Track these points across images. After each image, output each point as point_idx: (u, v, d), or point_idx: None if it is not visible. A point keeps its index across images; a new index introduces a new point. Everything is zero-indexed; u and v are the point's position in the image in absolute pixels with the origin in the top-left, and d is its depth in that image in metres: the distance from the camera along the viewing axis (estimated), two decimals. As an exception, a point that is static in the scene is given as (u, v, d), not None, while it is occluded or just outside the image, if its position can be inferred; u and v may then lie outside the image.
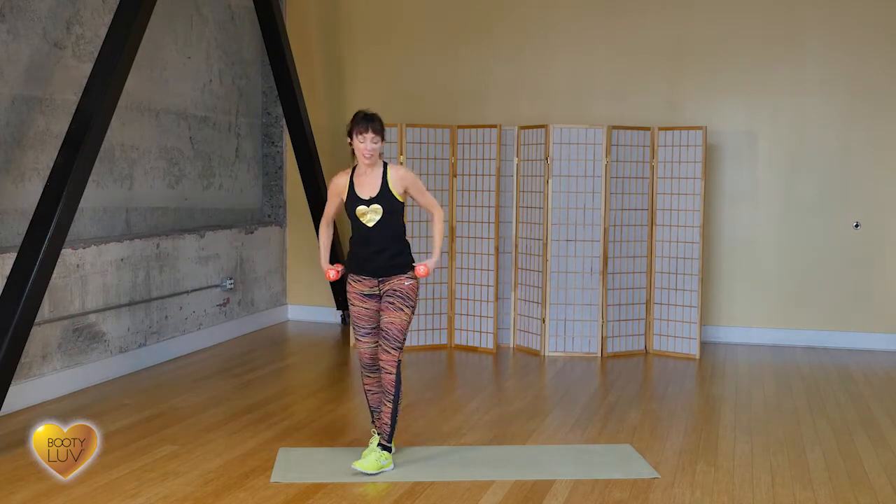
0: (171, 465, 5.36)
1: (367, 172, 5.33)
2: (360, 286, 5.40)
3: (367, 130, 5.24)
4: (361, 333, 5.44)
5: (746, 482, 5.20)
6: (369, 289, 5.39)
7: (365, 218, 5.29)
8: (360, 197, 5.30)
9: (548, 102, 9.41)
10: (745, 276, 9.14)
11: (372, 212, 5.29)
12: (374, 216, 5.29)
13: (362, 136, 5.24)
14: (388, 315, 5.34)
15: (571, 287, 8.49)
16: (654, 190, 8.63)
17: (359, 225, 5.33)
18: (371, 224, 5.29)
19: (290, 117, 9.52)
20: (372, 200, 5.29)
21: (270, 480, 5.12)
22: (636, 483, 5.15)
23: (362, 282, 5.39)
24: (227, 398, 6.92)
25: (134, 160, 8.14)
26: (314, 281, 10.13)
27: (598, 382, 7.66)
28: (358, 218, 5.31)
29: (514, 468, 5.39)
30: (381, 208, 5.28)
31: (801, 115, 8.95)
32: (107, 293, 7.38)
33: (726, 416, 6.63)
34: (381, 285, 5.37)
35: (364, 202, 5.29)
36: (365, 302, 5.41)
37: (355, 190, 5.32)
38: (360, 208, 5.30)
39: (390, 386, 5.36)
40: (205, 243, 8.69)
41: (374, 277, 5.36)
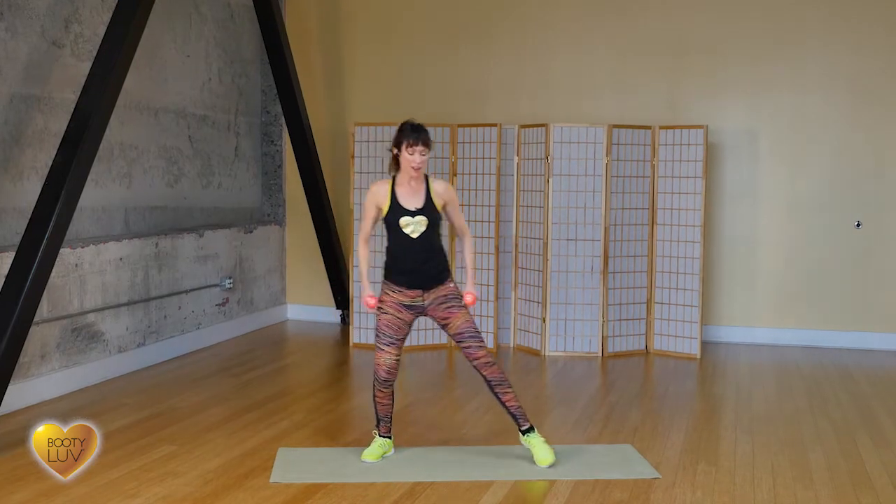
0: (171, 465, 5.37)
1: (411, 184, 5.32)
2: (401, 297, 5.38)
3: (417, 143, 5.22)
4: (386, 342, 5.41)
5: (748, 482, 5.20)
6: (410, 300, 5.38)
7: (408, 229, 5.29)
8: (405, 208, 5.29)
9: (548, 101, 9.41)
10: (746, 275, 9.14)
11: (417, 223, 5.29)
12: (419, 227, 5.29)
13: (412, 148, 5.23)
14: (456, 318, 5.38)
15: (572, 286, 8.49)
16: (654, 189, 8.63)
17: (401, 236, 5.31)
18: (415, 235, 5.29)
19: (290, 116, 9.52)
20: (418, 212, 5.29)
21: (270, 481, 5.12)
22: (637, 483, 5.15)
23: (403, 293, 5.37)
24: (227, 398, 6.92)
25: (133, 159, 8.14)
26: (313, 280, 10.13)
27: (598, 382, 7.66)
28: (401, 229, 5.29)
29: (514, 468, 5.38)
30: (426, 220, 5.29)
31: (802, 114, 8.95)
32: (105, 293, 7.38)
33: (727, 415, 6.63)
34: (425, 295, 5.37)
35: (409, 213, 5.29)
36: (401, 312, 5.40)
37: (398, 200, 5.31)
38: (405, 219, 5.28)
39: (500, 374, 5.42)
40: (204, 242, 8.69)
41: (420, 289, 5.35)
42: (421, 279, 5.34)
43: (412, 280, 5.34)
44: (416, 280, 5.34)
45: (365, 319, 8.80)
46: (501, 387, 5.44)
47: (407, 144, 5.23)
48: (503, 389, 5.44)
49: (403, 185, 5.33)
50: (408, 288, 5.35)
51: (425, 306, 5.39)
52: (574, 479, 5.19)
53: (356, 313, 8.84)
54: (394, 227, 5.32)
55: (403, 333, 5.44)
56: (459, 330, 5.38)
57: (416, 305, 5.39)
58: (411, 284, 5.35)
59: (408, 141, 5.23)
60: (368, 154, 8.73)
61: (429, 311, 5.41)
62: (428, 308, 5.40)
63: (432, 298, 5.37)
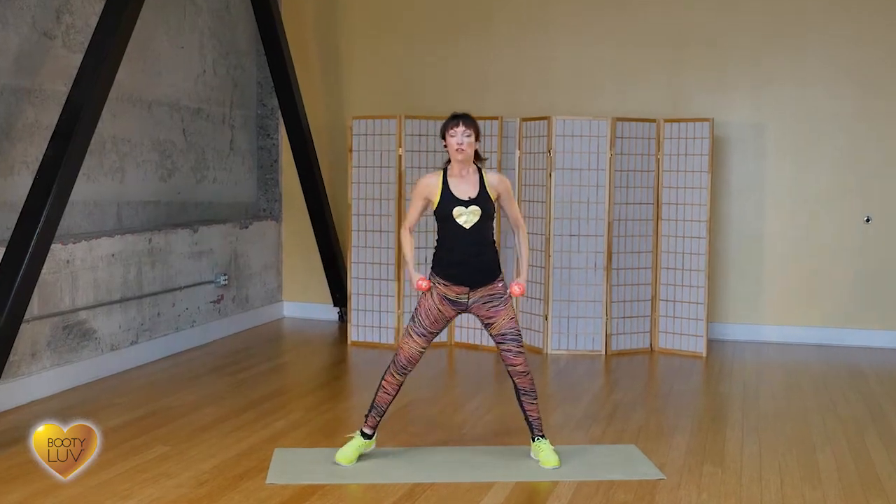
0: (164, 465, 5.36)
1: (463, 174, 5.34)
2: (447, 290, 5.36)
3: (457, 124, 5.26)
4: (419, 332, 5.41)
5: (754, 483, 5.20)
6: (456, 295, 5.36)
7: (461, 219, 5.29)
8: (458, 198, 5.30)
9: (550, 93, 9.40)
10: (753, 271, 9.13)
11: (470, 213, 5.29)
12: (472, 218, 5.29)
13: (453, 129, 5.27)
14: (501, 317, 5.38)
15: (575, 283, 8.48)
16: (659, 183, 8.62)
17: (453, 227, 5.31)
18: (468, 226, 5.29)
19: (286, 109, 9.51)
20: (471, 202, 5.29)
21: (266, 482, 5.11)
22: (641, 484, 5.15)
23: (450, 287, 5.35)
24: (221, 397, 6.91)
25: (125, 153, 8.13)
26: (310, 277, 10.13)
27: (601, 381, 7.66)
28: (454, 219, 5.29)
29: (516, 469, 5.38)
30: (479, 210, 5.29)
31: (809, 107, 8.94)
32: (97, 289, 7.37)
33: (734, 415, 6.63)
34: (472, 293, 5.36)
35: (462, 203, 5.29)
36: (444, 304, 5.39)
37: (451, 190, 5.31)
38: (458, 209, 5.28)
39: (532, 385, 5.44)
40: (198, 238, 8.68)
41: (466, 285, 5.34)
42: (469, 274, 5.32)
43: (461, 273, 5.32)
44: (464, 274, 5.31)
45: (363, 317, 8.80)
46: (528, 397, 5.46)
47: (448, 128, 5.29)
48: (529, 400, 5.47)
49: (455, 176, 5.35)
50: (455, 283, 5.34)
51: (469, 304, 5.39)
52: (577, 481, 5.18)
53: (354, 311, 8.83)
54: (446, 218, 5.32)
55: (439, 327, 5.44)
56: (503, 331, 5.38)
57: (460, 302, 5.38)
58: (459, 279, 5.32)
59: (449, 125, 5.29)
60: (367, 148, 8.72)
61: (472, 309, 5.41)
62: (472, 306, 5.39)
63: (478, 297, 5.36)
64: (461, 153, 5.26)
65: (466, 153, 5.26)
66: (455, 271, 5.32)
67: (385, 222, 8.70)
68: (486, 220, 5.32)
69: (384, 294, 8.75)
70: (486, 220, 5.32)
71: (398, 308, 8.68)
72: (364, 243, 8.78)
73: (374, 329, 8.79)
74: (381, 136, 8.68)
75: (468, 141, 5.26)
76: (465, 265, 5.31)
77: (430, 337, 5.43)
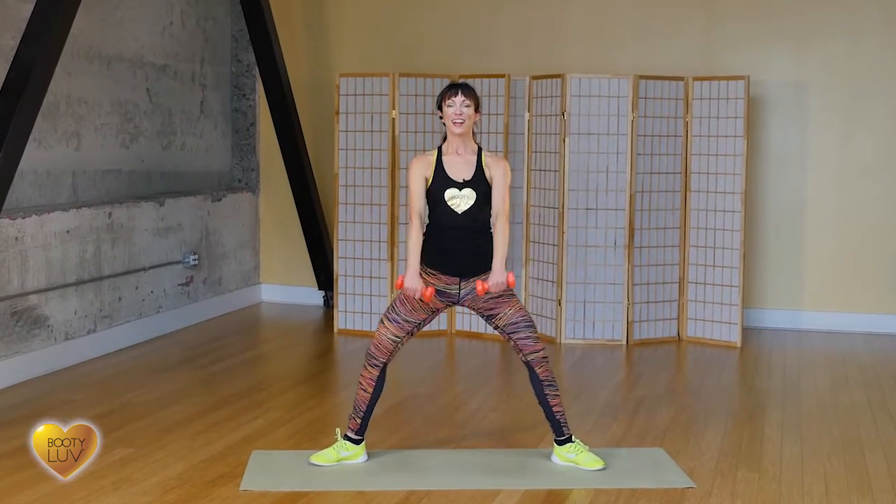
0: (126, 470, 5.35)
1: (460, 152, 5.37)
2: (435, 280, 5.38)
3: (455, 93, 5.32)
4: (392, 318, 5.42)
5: (796, 490, 5.19)
6: (445, 286, 5.38)
7: (453, 202, 5.33)
8: (452, 178, 5.34)
9: (564, 48, 9.37)
10: (795, 250, 9.12)
11: (464, 197, 5.33)
12: (465, 202, 5.33)
13: (451, 99, 5.32)
14: (506, 307, 5.41)
15: (592, 263, 8.48)
16: (688, 150, 8.60)
17: (445, 211, 5.35)
18: (461, 211, 5.33)
19: (265, 65, 9.50)
20: (466, 184, 5.33)
21: (240, 488, 5.11)
22: (668, 493, 5.14)
23: (438, 276, 5.38)
24: (191, 393, 6.92)
25: (82, 115, 8.10)
26: (291, 256, 10.12)
27: (622, 375, 7.67)
28: (445, 202, 5.34)
29: (523, 475, 5.38)
30: (474, 193, 5.33)
31: (859, 62, 8.91)
32: (50, 270, 7.36)
33: (772, 413, 6.63)
34: (463, 283, 5.38)
35: (456, 185, 5.33)
36: (433, 300, 5.39)
37: (445, 170, 5.35)
38: (451, 191, 5.33)
39: (551, 377, 5.46)
40: (164, 212, 8.66)
41: (457, 275, 5.37)
42: (459, 262, 5.35)
43: (449, 261, 5.35)
44: (453, 262, 5.35)
45: (352, 302, 8.79)
46: (552, 388, 5.47)
47: (446, 97, 5.33)
48: (553, 392, 5.47)
49: (451, 154, 5.39)
50: (443, 272, 5.36)
51: (461, 296, 5.41)
52: (594, 488, 5.18)
53: (341, 295, 8.82)
54: (437, 200, 5.36)
55: (418, 318, 5.44)
56: (512, 320, 5.40)
57: (449, 293, 5.40)
58: (447, 267, 5.36)
59: (446, 94, 5.34)
60: (356, 110, 8.69)
61: (465, 302, 5.43)
62: (464, 298, 5.41)
63: (471, 287, 5.38)
64: (459, 125, 5.30)
65: (465, 125, 5.31)
66: (444, 259, 5.36)
67: (377, 194, 8.68)
68: (481, 204, 5.36)
69: (375, 276, 8.75)
70: (481, 204, 5.36)
71: (391, 292, 8.66)
72: (352, 218, 8.77)
73: (363, 316, 8.79)
74: (372, 96, 8.66)
75: (468, 112, 5.31)
76: (456, 252, 5.35)
77: (404, 326, 5.42)
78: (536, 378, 5.46)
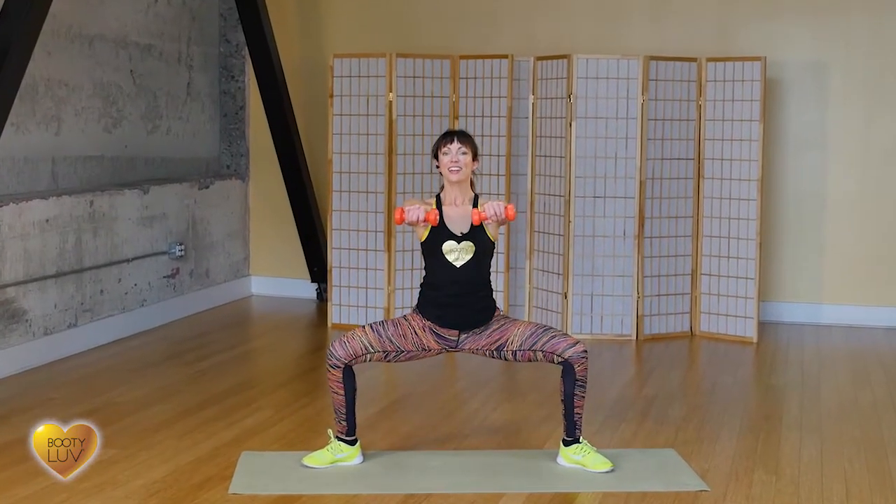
0: (109, 473, 5.34)
1: (458, 203, 5.43)
2: (434, 326, 5.43)
3: (451, 141, 5.41)
4: (382, 334, 5.40)
5: (815, 494, 5.19)
6: (445, 332, 5.44)
7: (451, 256, 5.37)
8: (450, 231, 5.38)
9: (571, 27, 9.36)
10: (814, 240, 9.12)
11: (462, 250, 5.37)
12: (464, 255, 5.37)
13: (446, 147, 5.40)
14: (510, 332, 5.43)
15: (600, 254, 8.48)
16: (701, 135, 8.60)
17: (442, 264, 5.39)
18: (459, 265, 5.37)
19: (255, 45, 9.50)
20: (464, 237, 5.37)
21: (229, 491, 5.11)
22: (679, 497, 5.14)
23: (436, 329, 5.43)
24: (177, 391, 6.92)
25: (62, 98, 8.10)
26: (283, 247, 10.12)
27: (632, 372, 7.69)
28: (443, 255, 5.37)
29: (527, 478, 5.38)
30: (472, 246, 5.37)
31: (883, 40, 8.90)
32: (28, 262, 7.35)
33: (790, 412, 6.63)
34: (462, 336, 5.43)
35: (454, 238, 5.37)
36: (425, 333, 5.43)
37: (444, 222, 5.39)
38: (449, 244, 5.37)
39: (586, 377, 5.44)
40: (149, 201, 8.66)
41: (456, 329, 5.41)
42: (458, 316, 5.40)
43: (447, 315, 5.40)
44: (451, 316, 5.40)
45: (347, 295, 8.79)
46: (582, 389, 5.45)
47: (441, 145, 5.42)
48: (582, 392, 5.45)
49: (449, 206, 5.44)
50: (441, 326, 5.42)
51: (459, 343, 5.46)
52: (602, 492, 5.18)
53: (335, 287, 8.82)
54: (434, 253, 5.41)
55: (402, 346, 5.44)
56: (526, 335, 5.41)
57: (448, 339, 5.45)
58: (445, 322, 5.41)
59: (441, 142, 5.43)
60: (350, 92, 8.69)
61: (465, 347, 5.47)
62: (463, 343, 5.45)
63: (470, 333, 5.44)
64: (456, 173, 5.36)
65: (462, 172, 5.37)
66: (442, 313, 5.41)
67: (373, 181, 8.68)
68: (480, 257, 5.40)
69: (371, 267, 8.74)
70: (480, 257, 5.40)
71: (388, 284, 8.67)
72: (347, 206, 8.77)
73: (358, 310, 8.79)
74: (368, 78, 8.65)
75: (464, 159, 5.38)
76: (455, 308, 5.41)
77: (384, 343, 5.40)
78: (572, 376, 5.40)
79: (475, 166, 5.45)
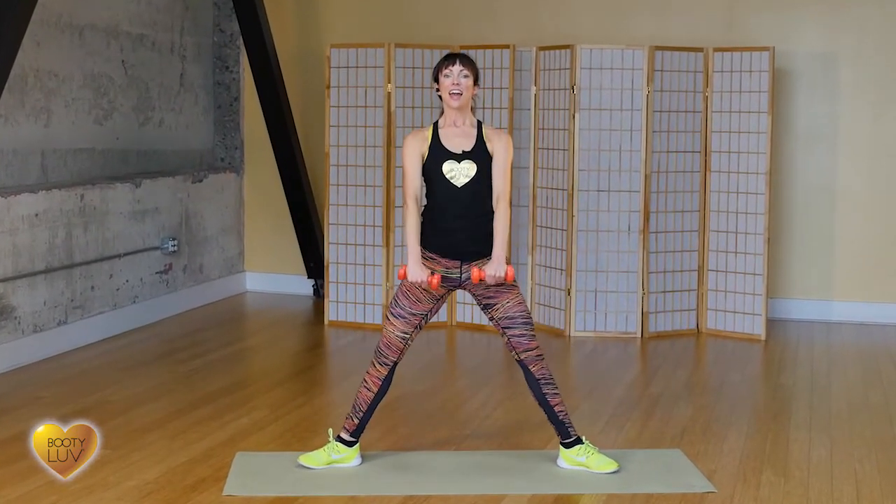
0: (100, 473, 5.34)
1: (458, 125, 5.42)
2: (434, 265, 5.41)
3: (453, 63, 5.37)
4: (397, 313, 5.46)
5: (824, 496, 5.19)
6: (445, 270, 5.41)
7: (452, 175, 5.36)
8: (450, 150, 5.37)
9: (574, 16, 9.35)
10: (824, 235, 9.12)
11: (463, 169, 5.37)
12: (465, 175, 5.37)
13: (448, 69, 5.38)
14: (505, 299, 5.43)
15: (604, 250, 8.48)
16: (708, 127, 8.60)
17: (443, 187, 5.38)
18: (460, 184, 5.36)
19: (250, 35, 9.49)
20: (465, 155, 5.36)
21: (224, 493, 5.12)
22: (686, 498, 5.14)
23: (438, 260, 5.41)
24: (170, 390, 6.93)
25: (52, 89, 8.09)
26: (278, 242, 10.12)
27: (637, 370, 7.68)
28: (443, 176, 5.37)
29: (530, 479, 5.38)
30: (474, 165, 5.36)
31: (894, 32, 8.88)
32: (17, 257, 7.35)
33: (799, 412, 6.63)
34: (464, 267, 5.41)
35: (454, 157, 5.36)
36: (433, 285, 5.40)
37: (442, 142, 5.39)
38: (448, 164, 5.36)
39: (548, 374, 5.47)
40: (141, 194, 8.66)
41: (457, 259, 5.40)
42: (460, 243, 5.39)
43: (449, 243, 5.39)
44: (453, 244, 5.39)
45: (344, 291, 8.78)
46: (550, 387, 5.48)
47: (442, 68, 5.38)
48: (552, 390, 5.48)
49: (448, 126, 5.43)
50: (442, 255, 5.40)
51: (463, 279, 5.43)
52: (606, 493, 5.18)
53: (332, 283, 8.82)
54: (434, 175, 5.39)
55: (423, 309, 5.46)
56: (509, 314, 5.41)
57: (451, 278, 5.42)
58: (447, 250, 5.39)
59: (443, 65, 5.39)
60: (348, 83, 8.69)
61: (466, 285, 5.45)
62: (466, 281, 5.43)
63: (470, 266, 5.41)
64: (456, 97, 5.34)
65: (463, 97, 5.35)
66: (444, 240, 5.39)
67: (371, 175, 8.68)
68: (482, 178, 5.37)
69: (369, 263, 8.74)
70: (482, 178, 5.37)
71: (386, 280, 8.66)
72: (345, 201, 8.77)
73: (356, 306, 8.79)
74: (366, 68, 8.65)
75: (466, 83, 5.35)
76: (457, 233, 5.39)
77: (411, 320, 5.45)
78: (532, 377, 5.46)
79: (475, 91, 5.42)
